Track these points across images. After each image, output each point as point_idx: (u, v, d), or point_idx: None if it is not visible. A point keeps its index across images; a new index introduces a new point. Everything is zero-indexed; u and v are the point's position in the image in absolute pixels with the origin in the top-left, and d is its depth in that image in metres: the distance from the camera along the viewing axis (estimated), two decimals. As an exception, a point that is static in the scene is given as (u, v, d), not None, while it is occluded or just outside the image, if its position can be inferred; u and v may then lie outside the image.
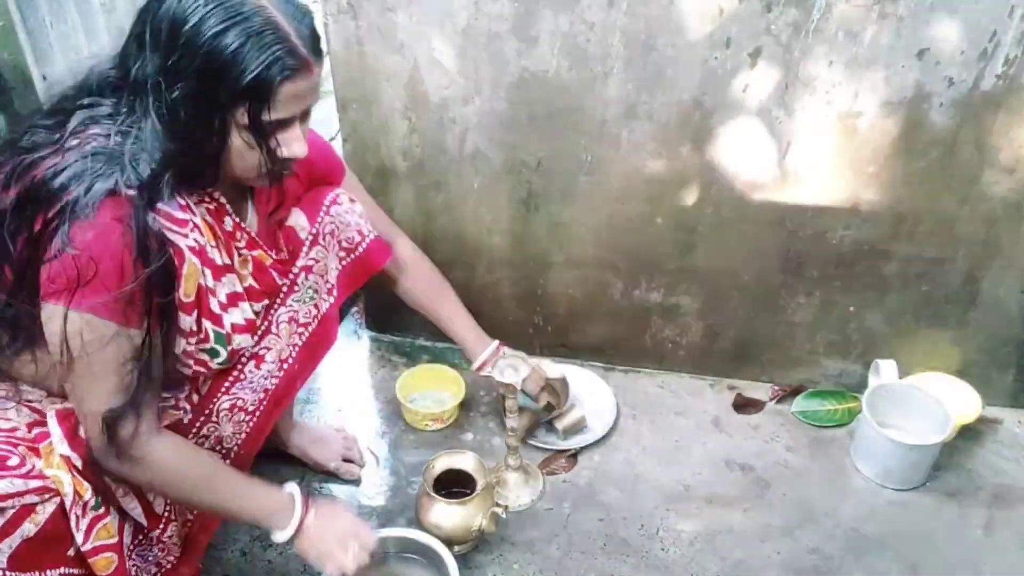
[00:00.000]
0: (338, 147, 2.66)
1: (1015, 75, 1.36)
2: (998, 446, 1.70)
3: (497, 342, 1.54)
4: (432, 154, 1.63)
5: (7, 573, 0.96)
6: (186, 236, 1.05)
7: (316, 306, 1.32)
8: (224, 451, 1.26)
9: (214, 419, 1.22)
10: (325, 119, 2.83)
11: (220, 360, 1.16)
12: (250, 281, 1.18)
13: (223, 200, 1.13)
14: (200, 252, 1.07)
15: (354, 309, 2.06)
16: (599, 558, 1.46)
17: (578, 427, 1.68)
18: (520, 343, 1.87)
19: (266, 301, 1.23)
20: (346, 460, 1.60)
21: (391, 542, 1.37)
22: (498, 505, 1.42)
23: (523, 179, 1.63)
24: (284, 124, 1.03)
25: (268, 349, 1.25)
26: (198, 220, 1.07)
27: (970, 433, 1.70)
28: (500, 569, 1.44)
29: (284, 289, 1.27)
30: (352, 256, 1.39)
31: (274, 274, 1.22)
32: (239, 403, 1.23)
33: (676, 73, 1.44)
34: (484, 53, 1.48)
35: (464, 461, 1.46)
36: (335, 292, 1.37)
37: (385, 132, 1.62)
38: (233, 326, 1.15)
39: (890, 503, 1.57)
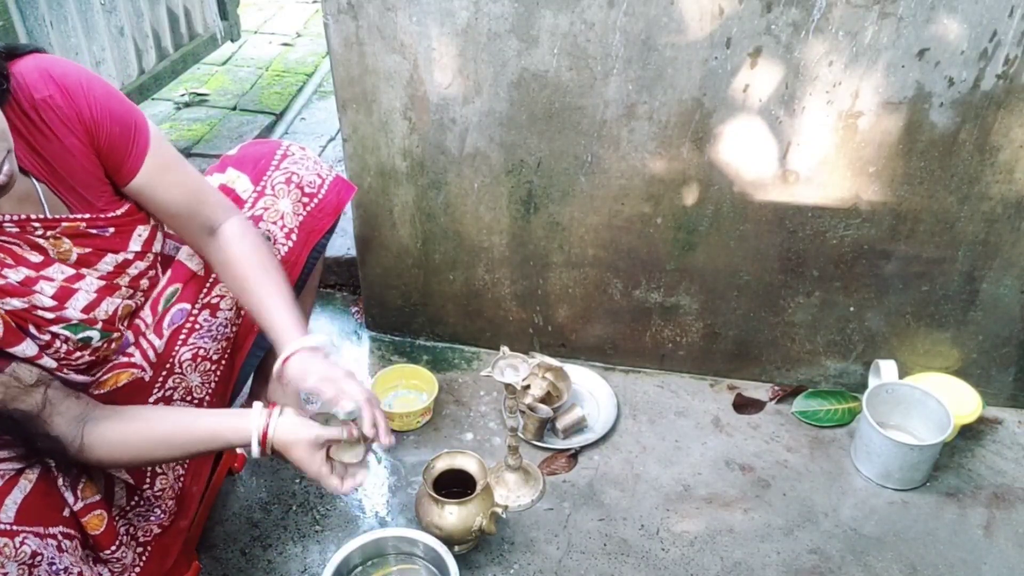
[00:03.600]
0: (338, 147, 2.67)
1: (1015, 75, 1.35)
2: (998, 446, 1.70)
3: (320, 339, 1.18)
4: (432, 154, 1.63)
5: (13, 527, 0.96)
6: None
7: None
8: (196, 400, 1.27)
9: (177, 371, 1.22)
10: (325, 119, 2.85)
11: (97, 340, 1.13)
12: (77, 251, 1.10)
13: None
14: None
15: (354, 309, 2.06)
16: (599, 558, 1.46)
17: (578, 426, 1.68)
18: (520, 343, 1.88)
19: (119, 255, 1.14)
20: None
21: (391, 542, 1.37)
22: (498, 505, 1.42)
23: (523, 179, 1.63)
24: None
25: (221, 296, 1.25)
26: None
27: (970, 433, 1.70)
28: (500, 569, 1.44)
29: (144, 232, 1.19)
30: (316, 199, 1.38)
31: (96, 231, 1.11)
32: (201, 352, 1.24)
33: (676, 73, 1.44)
34: (484, 53, 1.48)
35: (464, 461, 1.46)
36: (294, 236, 1.35)
37: (385, 132, 1.62)
38: (85, 307, 1.11)
39: (890, 503, 1.57)
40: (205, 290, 1.28)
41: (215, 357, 1.28)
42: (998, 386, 1.75)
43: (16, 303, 1.03)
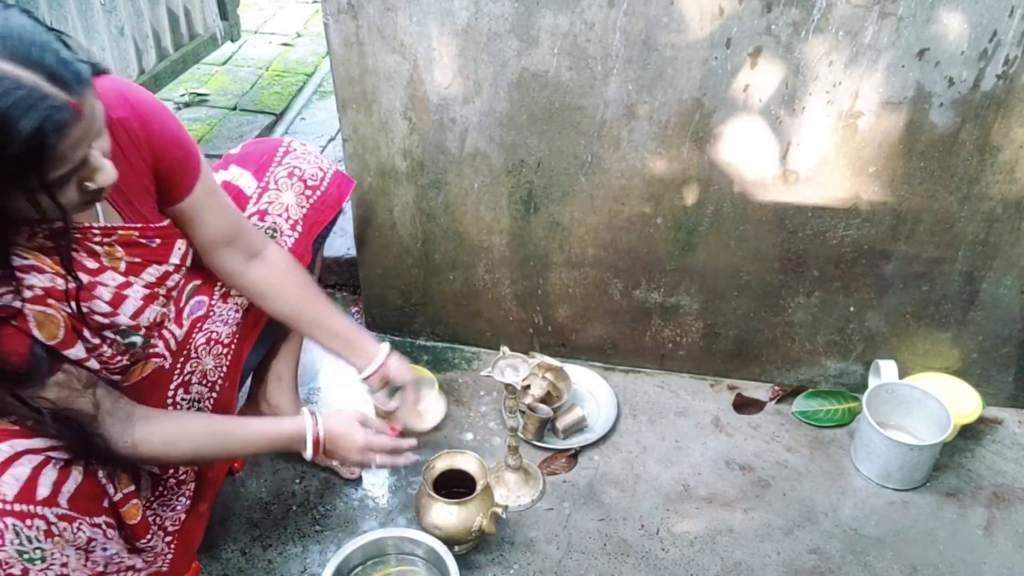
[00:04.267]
0: (338, 147, 2.67)
1: (1015, 75, 1.35)
2: (998, 446, 1.70)
3: (388, 345, 1.41)
4: (432, 154, 1.63)
5: (71, 513, 1.00)
6: (20, 294, 0.99)
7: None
8: (210, 384, 1.34)
9: (194, 356, 1.29)
10: (325, 119, 2.86)
11: (139, 344, 1.18)
12: (127, 260, 1.14)
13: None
14: (48, 293, 1.02)
15: (354, 309, 2.06)
16: (599, 558, 1.46)
17: (578, 426, 1.68)
18: (520, 343, 1.88)
19: (161, 266, 1.19)
20: None
21: (391, 542, 1.37)
22: (498, 505, 1.42)
23: (523, 179, 1.63)
24: (76, 169, 0.90)
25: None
26: (30, 262, 1.00)
27: (970, 433, 1.70)
28: (500, 569, 1.44)
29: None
30: (318, 192, 1.43)
31: (146, 241, 1.16)
32: (214, 335, 1.32)
33: (676, 73, 1.44)
34: (484, 53, 1.48)
35: (464, 461, 1.46)
36: (299, 227, 1.41)
37: (385, 132, 1.62)
38: (133, 314, 1.15)
39: (890, 503, 1.57)
40: (218, 283, 1.34)
41: (226, 341, 1.35)
42: (998, 386, 1.75)
43: (76, 306, 1.07)
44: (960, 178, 1.48)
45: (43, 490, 0.95)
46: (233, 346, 1.36)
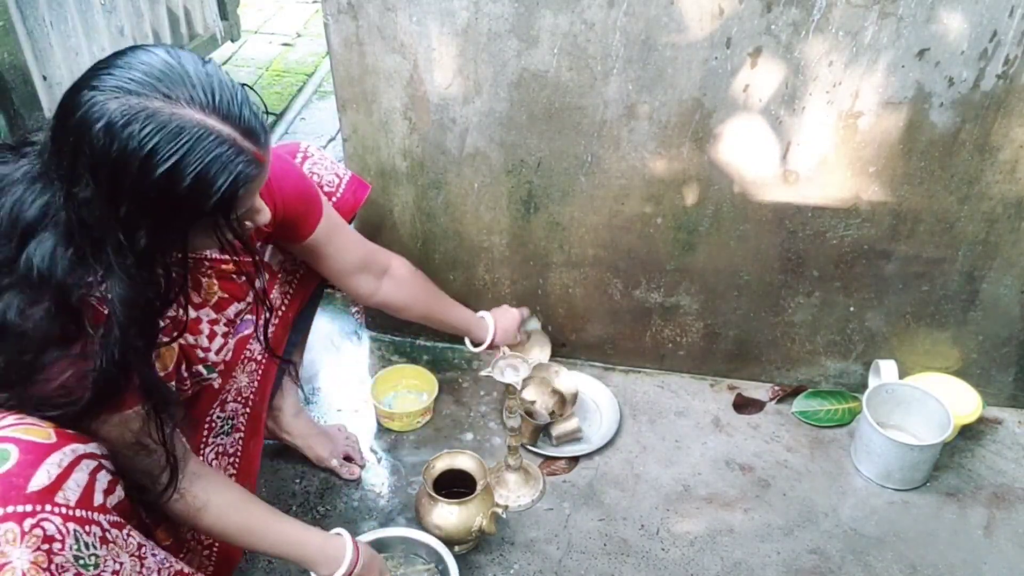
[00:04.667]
0: (338, 147, 2.67)
1: (1015, 75, 1.35)
2: (998, 446, 1.70)
3: (488, 315, 1.62)
4: (432, 154, 1.63)
5: (120, 519, 0.97)
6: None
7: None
8: (244, 400, 1.34)
9: (234, 374, 1.30)
10: (325, 119, 2.85)
11: (216, 381, 1.21)
12: (218, 295, 1.18)
13: None
14: (178, 323, 1.04)
15: (354, 309, 2.06)
16: (599, 558, 1.46)
17: (571, 437, 1.67)
18: (520, 343, 1.87)
19: (239, 303, 1.22)
20: (346, 459, 1.60)
21: (391, 542, 1.37)
22: (498, 505, 1.42)
23: (523, 179, 1.63)
24: (248, 211, 0.97)
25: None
26: None
27: (970, 433, 1.70)
28: (500, 569, 1.44)
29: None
30: (335, 198, 1.45)
31: (235, 276, 1.20)
32: (248, 353, 1.31)
33: (676, 73, 1.44)
34: (484, 53, 1.48)
35: (464, 461, 1.46)
36: None
37: (385, 132, 1.62)
38: (217, 350, 1.18)
39: (890, 503, 1.57)
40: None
41: (258, 357, 1.35)
42: (998, 386, 1.75)
43: (190, 339, 1.10)
44: (960, 178, 1.48)
45: (99, 496, 0.93)
46: (263, 360, 1.35)
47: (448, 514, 1.38)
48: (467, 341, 1.62)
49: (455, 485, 1.45)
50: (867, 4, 1.32)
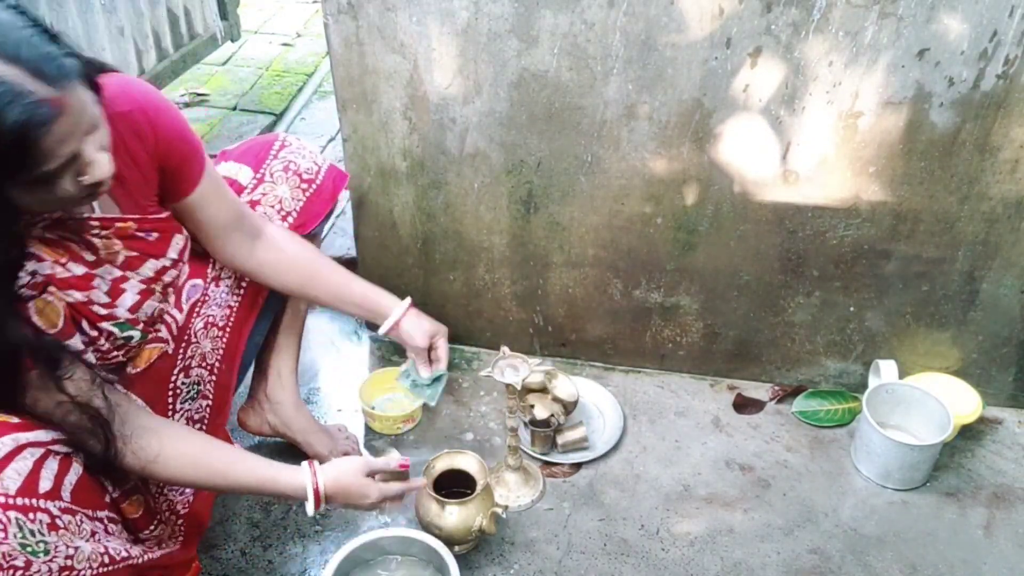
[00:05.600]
0: (338, 147, 2.67)
1: (1015, 75, 1.35)
2: (998, 446, 1.70)
3: (407, 301, 1.47)
4: (432, 154, 1.63)
5: (72, 506, 0.99)
6: (21, 279, 0.99)
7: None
8: (208, 367, 1.35)
9: (194, 340, 1.31)
10: (325, 119, 2.85)
11: (136, 339, 1.19)
12: (124, 254, 1.14)
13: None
14: (48, 280, 1.03)
15: (354, 309, 2.05)
16: (599, 558, 1.46)
17: (578, 445, 1.66)
18: (520, 343, 1.88)
19: (158, 261, 1.19)
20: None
21: (391, 542, 1.37)
22: (498, 505, 1.42)
23: (523, 179, 1.63)
24: (68, 164, 0.90)
25: (221, 268, 1.36)
26: (30, 250, 1.01)
27: (970, 433, 1.70)
28: (500, 569, 1.44)
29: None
30: (314, 186, 1.45)
31: (143, 234, 1.16)
32: (210, 319, 1.34)
33: (676, 73, 1.44)
34: (484, 53, 1.48)
35: (464, 461, 1.46)
36: (291, 218, 1.43)
37: (385, 132, 1.62)
38: (131, 307, 1.15)
39: (890, 503, 1.57)
40: (210, 265, 1.36)
41: (221, 324, 1.36)
42: (998, 386, 1.75)
43: (77, 295, 1.07)
44: (960, 178, 1.48)
45: (45, 483, 0.95)
46: (229, 328, 1.38)
47: (448, 514, 1.38)
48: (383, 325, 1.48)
49: (455, 485, 1.45)
50: (867, 4, 1.32)
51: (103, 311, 1.11)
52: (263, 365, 1.58)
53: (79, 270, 1.07)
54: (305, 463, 1.23)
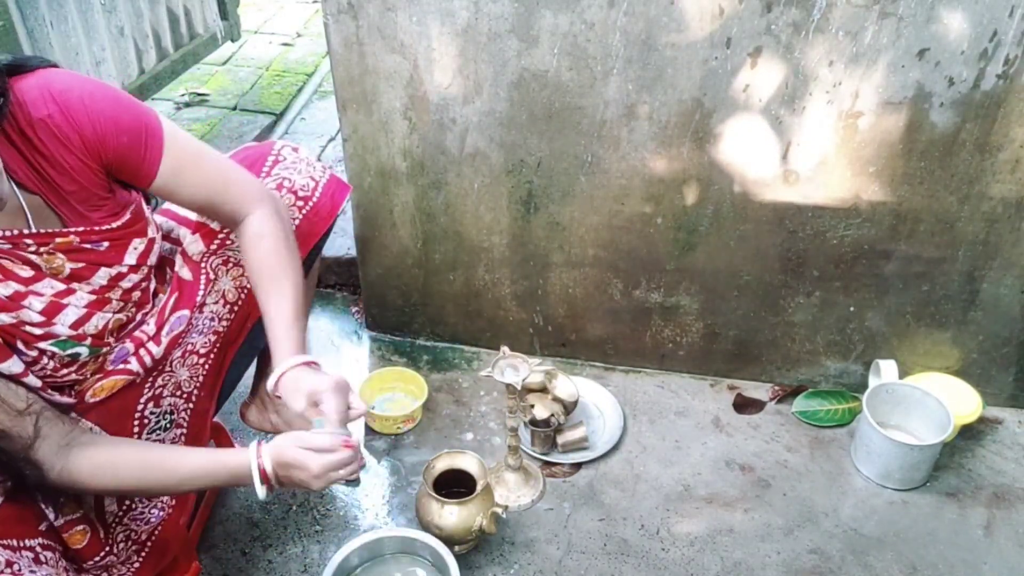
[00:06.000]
0: (338, 147, 2.67)
1: (1015, 75, 1.35)
2: (998, 446, 1.70)
3: (307, 357, 1.20)
4: (432, 154, 1.63)
5: None
6: None
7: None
8: (185, 395, 1.28)
9: (168, 369, 1.24)
10: (325, 119, 2.85)
11: (85, 355, 1.13)
12: (70, 266, 1.09)
13: None
14: None
15: (354, 309, 2.06)
16: (599, 558, 1.46)
17: (578, 445, 1.66)
18: (520, 343, 1.88)
19: (113, 268, 1.13)
20: None
21: (391, 542, 1.37)
22: (498, 505, 1.42)
23: (523, 179, 1.63)
24: None
25: (207, 295, 1.28)
26: None
27: (970, 433, 1.70)
28: (500, 569, 1.44)
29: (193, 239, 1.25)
30: (310, 203, 1.36)
31: (91, 245, 1.10)
32: (189, 347, 1.27)
33: (676, 73, 1.44)
34: (484, 53, 1.48)
35: (464, 461, 1.46)
36: None
37: (385, 132, 1.62)
38: (74, 323, 1.10)
39: (890, 503, 1.57)
40: (200, 292, 1.29)
41: (203, 351, 1.30)
42: (998, 386, 1.75)
43: (4, 318, 1.02)
44: (960, 178, 1.48)
45: None
46: (212, 355, 1.31)
47: (448, 514, 1.38)
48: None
49: (455, 485, 1.45)
50: (867, 4, 1.32)
51: (38, 331, 1.06)
52: (264, 362, 1.57)
53: (6, 291, 1.02)
54: (253, 444, 1.12)
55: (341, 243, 2.07)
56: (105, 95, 1.05)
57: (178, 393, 1.28)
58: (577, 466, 1.64)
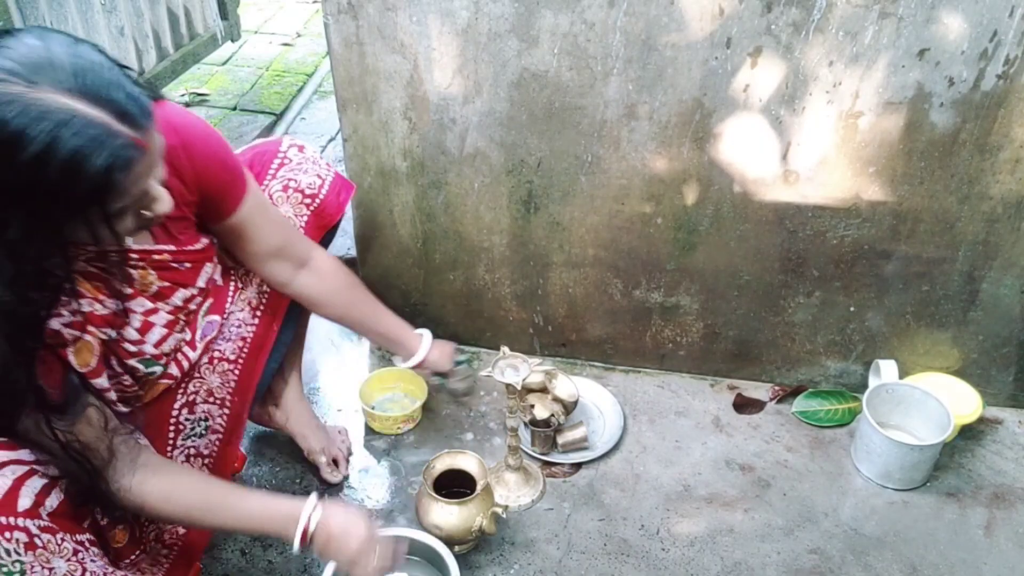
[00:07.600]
0: (338, 147, 2.67)
1: (1015, 75, 1.35)
2: (998, 446, 1.70)
3: (428, 333, 1.52)
4: (432, 154, 1.63)
5: (52, 524, 0.96)
6: (60, 316, 0.99)
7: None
8: (219, 401, 1.32)
9: (197, 375, 1.28)
10: (325, 119, 2.85)
11: (158, 374, 1.18)
12: (157, 285, 1.15)
13: None
14: (88, 319, 1.03)
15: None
16: (599, 558, 1.46)
17: (578, 445, 1.66)
18: (520, 343, 1.88)
19: (187, 289, 1.19)
20: (334, 461, 1.60)
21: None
22: (498, 505, 1.42)
23: (523, 179, 1.63)
24: (138, 199, 0.92)
25: (233, 301, 1.32)
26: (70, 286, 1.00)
27: (970, 433, 1.70)
28: (500, 569, 1.44)
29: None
30: (318, 200, 1.40)
31: (177, 264, 1.17)
32: (217, 353, 1.30)
33: (676, 73, 1.44)
34: (484, 53, 1.48)
35: (464, 461, 1.46)
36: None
37: (385, 132, 1.62)
38: (157, 342, 1.15)
39: (890, 503, 1.57)
40: (229, 299, 1.33)
41: (232, 357, 1.33)
42: (998, 386, 1.75)
43: (112, 333, 1.07)
44: (960, 178, 1.48)
45: (24, 501, 0.92)
46: (242, 361, 1.34)
47: (448, 514, 1.38)
48: (395, 359, 1.56)
49: (455, 485, 1.45)
50: (867, 4, 1.32)
51: (132, 348, 1.11)
52: (267, 393, 1.58)
53: (115, 306, 1.07)
54: (313, 496, 1.15)
55: (341, 243, 2.07)
56: (213, 134, 1.17)
57: (212, 399, 1.31)
58: (577, 466, 1.64)
